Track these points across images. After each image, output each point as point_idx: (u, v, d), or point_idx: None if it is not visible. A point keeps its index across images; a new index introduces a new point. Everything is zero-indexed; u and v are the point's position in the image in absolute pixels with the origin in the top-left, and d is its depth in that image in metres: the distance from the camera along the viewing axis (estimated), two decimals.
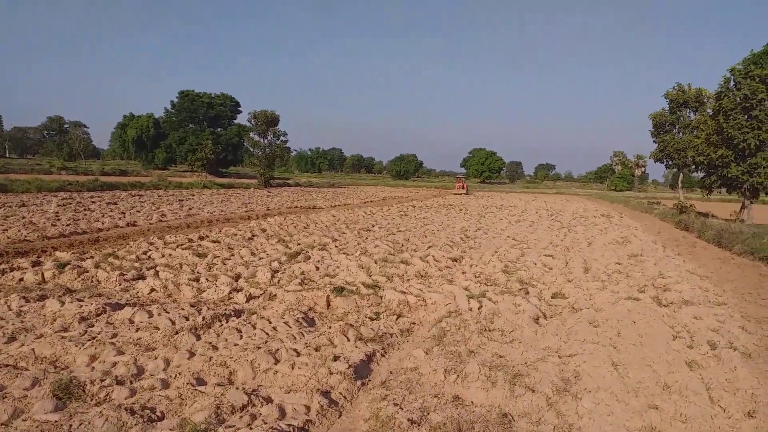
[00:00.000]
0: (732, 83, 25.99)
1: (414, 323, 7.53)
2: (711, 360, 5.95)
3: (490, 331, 6.98)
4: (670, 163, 44.43)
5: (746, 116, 24.63)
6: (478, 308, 7.94)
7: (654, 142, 44.65)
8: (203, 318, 6.77)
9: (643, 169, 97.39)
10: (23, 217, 16.42)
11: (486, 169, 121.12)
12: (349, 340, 6.38)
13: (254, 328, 6.74)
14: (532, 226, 21.74)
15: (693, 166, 34.21)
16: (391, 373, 5.57)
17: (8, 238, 12.52)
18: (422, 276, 10.42)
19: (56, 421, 4.04)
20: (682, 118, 42.87)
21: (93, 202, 23.50)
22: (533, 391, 5.02)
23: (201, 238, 13.90)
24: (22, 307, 7.15)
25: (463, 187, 60.87)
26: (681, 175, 46.70)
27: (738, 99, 24.92)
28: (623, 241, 16.86)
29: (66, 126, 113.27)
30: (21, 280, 8.93)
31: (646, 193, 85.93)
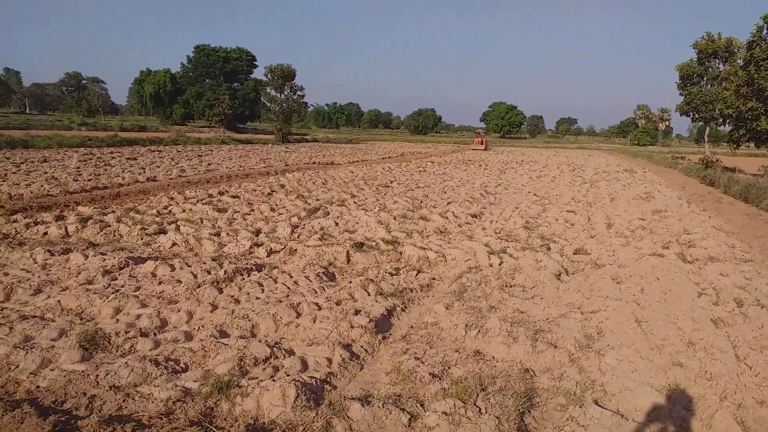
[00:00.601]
0: (765, 31, 24.88)
1: (434, 279, 7.50)
2: (737, 317, 5.84)
3: (510, 287, 6.92)
4: (697, 116, 43.05)
5: None
6: (499, 264, 7.88)
7: (680, 94, 43.17)
8: (225, 272, 6.81)
9: (667, 123, 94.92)
10: (45, 173, 16.60)
11: (506, 123, 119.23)
12: (369, 294, 6.38)
13: (275, 282, 6.77)
14: (553, 182, 21.44)
15: (720, 120, 33.13)
16: (412, 327, 5.57)
17: (31, 192, 12.67)
18: (442, 232, 10.35)
19: (83, 371, 4.11)
20: (710, 69, 41.28)
21: (113, 157, 23.65)
22: (555, 347, 4.99)
23: (221, 194, 13.94)
24: (47, 260, 7.25)
25: (482, 143, 58.64)
26: (707, 128, 45.39)
27: None
28: (647, 197, 16.56)
29: (84, 82, 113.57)
30: (45, 234, 9.06)
31: (670, 148, 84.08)
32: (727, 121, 29.16)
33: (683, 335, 5.42)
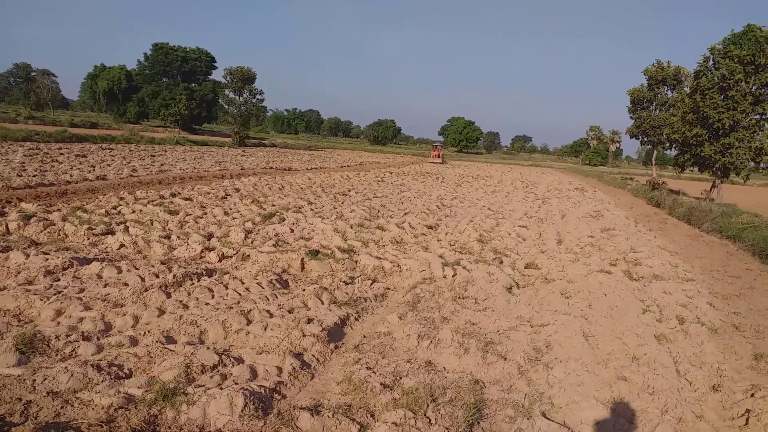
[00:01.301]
0: (711, 62, 26.14)
1: (388, 288, 7.51)
2: (679, 334, 6.07)
3: (463, 298, 6.99)
4: (645, 139, 44.84)
5: (722, 96, 24.84)
6: (453, 276, 7.95)
7: (630, 118, 44.91)
8: (174, 276, 6.63)
9: (617, 144, 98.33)
10: None
11: (464, 138, 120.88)
12: (323, 303, 6.33)
13: (226, 288, 6.64)
14: (507, 197, 21.86)
15: (667, 144, 34.56)
16: (365, 337, 5.55)
17: None
18: (398, 242, 10.38)
19: (19, 376, 3.92)
20: (659, 96, 43.13)
21: (61, 153, 22.77)
22: (505, 359, 5.06)
23: (173, 195, 13.61)
24: None
25: (438, 156, 57.91)
26: (655, 152, 47.25)
27: (716, 78, 25.07)
28: (596, 215, 17.07)
29: (33, 74, 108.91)
30: None
31: (619, 169, 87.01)
32: (674, 145, 30.40)
33: (628, 350, 5.59)
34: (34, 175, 14.76)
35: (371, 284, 7.53)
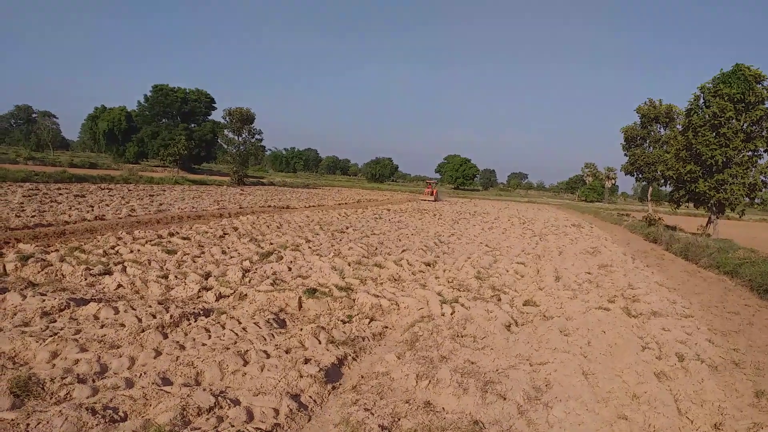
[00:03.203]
0: (701, 101, 26.66)
1: (386, 327, 7.47)
2: (679, 372, 6.03)
3: (462, 336, 6.96)
4: (640, 176, 45.38)
5: (714, 133, 25.26)
6: (451, 314, 7.93)
7: (625, 155, 45.56)
8: (171, 316, 6.60)
9: (613, 181, 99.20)
10: None
11: (460, 175, 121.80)
12: (320, 342, 6.29)
13: (223, 328, 6.60)
14: (504, 234, 21.91)
15: (662, 180, 34.93)
16: (363, 377, 5.50)
17: None
18: (396, 280, 10.37)
19: (13, 420, 3.87)
20: (652, 133, 43.85)
21: (60, 194, 22.87)
22: (504, 399, 5.01)
23: (171, 235, 13.62)
24: None
25: (432, 194, 54.35)
26: (650, 188, 47.68)
27: (707, 116, 25.55)
28: (593, 251, 17.09)
29: (34, 115, 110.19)
30: None
31: (615, 205, 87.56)
32: (668, 182, 30.70)
33: (628, 388, 5.55)
34: (33, 216, 14.79)
35: (369, 323, 7.50)
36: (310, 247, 13.37)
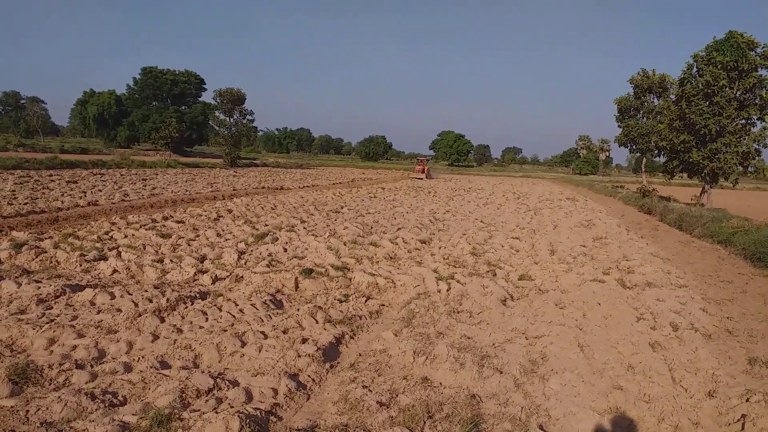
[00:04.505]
0: (695, 69, 26.51)
1: (383, 305, 7.51)
2: (673, 341, 6.09)
3: (458, 312, 7.00)
4: (634, 147, 45.32)
5: (707, 102, 25.17)
6: (447, 290, 7.96)
7: (618, 126, 45.41)
8: (167, 300, 6.61)
9: (607, 153, 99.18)
10: None
11: (454, 152, 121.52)
12: (317, 322, 6.32)
13: (220, 310, 6.62)
14: (499, 209, 21.95)
15: (656, 151, 34.92)
16: (360, 355, 5.54)
17: None
18: (391, 258, 10.39)
19: (12, 407, 3.88)
20: (646, 104, 43.67)
21: (52, 180, 22.71)
22: (501, 373, 5.06)
23: (165, 219, 13.58)
24: None
25: (423, 171, 52.67)
26: (644, 159, 47.68)
27: (700, 85, 25.43)
28: (588, 224, 17.15)
29: (23, 101, 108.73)
30: None
31: (610, 177, 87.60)
32: (662, 152, 30.69)
33: (623, 359, 5.61)
34: (25, 203, 14.70)
35: (366, 301, 7.53)
36: (305, 228, 13.36)
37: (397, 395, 4.49)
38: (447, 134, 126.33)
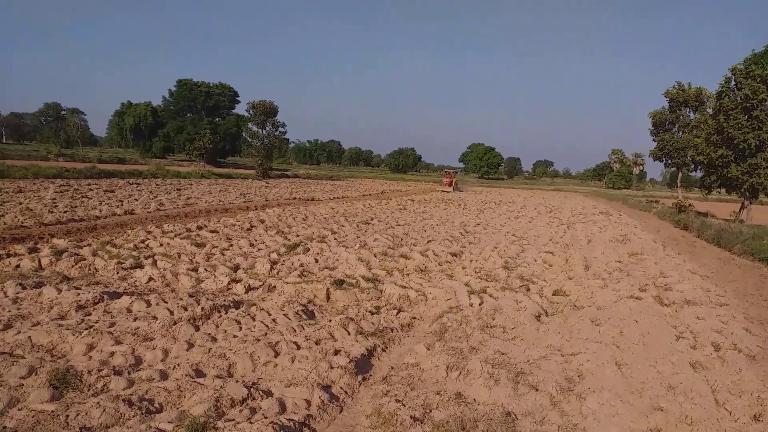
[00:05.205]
0: (733, 83, 25.91)
1: (414, 318, 7.46)
2: (715, 361, 5.90)
3: (491, 327, 6.91)
4: (669, 162, 44.41)
5: (747, 116, 24.53)
6: (479, 304, 7.87)
7: (653, 140, 44.57)
8: (202, 308, 6.69)
9: (641, 167, 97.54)
10: (20, 204, 16.27)
11: (484, 164, 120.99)
12: (349, 333, 6.31)
13: (253, 319, 6.66)
14: (531, 222, 21.69)
15: (692, 166, 34.20)
16: (392, 368, 5.50)
17: (5, 224, 12.39)
18: (422, 270, 10.34)
19: (53, 411, 3.96)
20: (681, 117, 42.79)
21: (90, 189, 23.31)
22: (537, 390, 4.96)
23: (199, 228, 13.80)
24: (18, 294, 7.05)
25: (450, 184, 51.40)
26: (680, 174, 46.65)
27: (739, 99, 24.83)
28: (623, 239, 16.81)
29: (63, 112, 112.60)
30: (18, 266, 8.83)
31: (644, 192, 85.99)
32: (699, 167, 29.99)
33: (663, 379, 5.44)
34: (65, 211, 15.11)
35: (397, 314, 7.50)
36: (336, 239, 13.41)
37: (430, 410, 4.43)
38: (477, 147, 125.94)
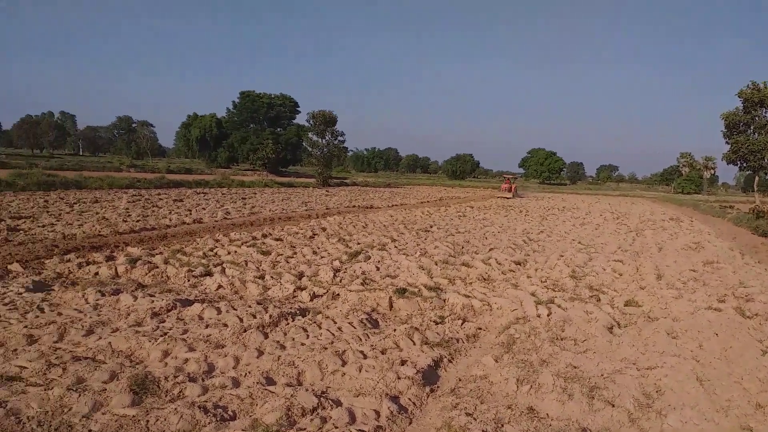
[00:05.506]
0: None
1: (480, 328, 7.33)
2: None
3: (561, 339, 6.70)
4: (744, 165, 42.13)
5: None
6: (547, 315, 7.66)
7: (726, 143, 42.41)
8: (270, 316, 6.81)
9: (712, 171, 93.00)
10: (97, 213, 17.17)
11: (546, 169, 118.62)
12: (415, 344, 6.26)
13: (320, 327, 6.72)
14: (597, 229, 21.02)
15: None
16: (460, 380, 5.41)
17: (84, 233, 13.08)
18: (485, 279, 10.18)
19: (134, 416, 4.10)
20: (757, 118, 40.52)
21: (160, 198, 24.33)
22: (613, 406, 4.76)
23: (264, 236, 14.11)
24: (98, 300, 7.39)
25: (510, 190, 50.11)
26: (756, 177, 44.17)
27: None
28: (696, 247, 16.02)
29: (134, 125, 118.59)
30: (96, 273, 9.28)
31: (716, 196, 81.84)
32: None
33: (750, 397, 5.11)
34: (138, 220, 15.81)
35: (462, 324, 7.39)
36: (396, 247, 13.41)
37: (502, 425, 4.32)
38: (537, 152, 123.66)
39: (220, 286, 8.78)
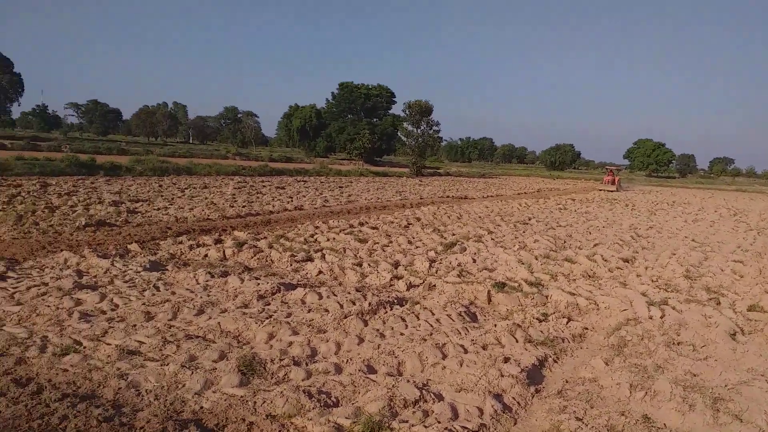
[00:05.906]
0: None
1: (586, 328, 6.96)
2: None
3: (677, 344, 6.22)
4: None
5: None
6: (660, 317, 7.15)
7: None
8: (369, 304, 6.84)
9: None
10: (205, 198, 18.19)
11: (653, 161, 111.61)
12: (517, 341, 6.05)
13: (418, 318, 6.67)
14: (712, 227, 19.46)
15: None
16: (567, 382, 5.16)
17: (194, 216, 13.87)
18: (590, 276, 9.69)
19: (242, 396, 4.25)
20: None
21: (264, 185, 25.37)
22: (741, 421, 4.33)
23: (361, 224, 14.29)
24: (207, 281, 7.78)
25: (613, 182, 47.72)
26: None
27: None
28: None
29: (239, 115, 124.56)
30: (206, 256, 9.78)
31: None
32: None
33: None
34: (243, 206, 16.57)
35: (567, 323, 7.05)
36: (492, 239, 13.10)
37: None
38: (644, 142, 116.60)
39: (320, 272, 8.96)
